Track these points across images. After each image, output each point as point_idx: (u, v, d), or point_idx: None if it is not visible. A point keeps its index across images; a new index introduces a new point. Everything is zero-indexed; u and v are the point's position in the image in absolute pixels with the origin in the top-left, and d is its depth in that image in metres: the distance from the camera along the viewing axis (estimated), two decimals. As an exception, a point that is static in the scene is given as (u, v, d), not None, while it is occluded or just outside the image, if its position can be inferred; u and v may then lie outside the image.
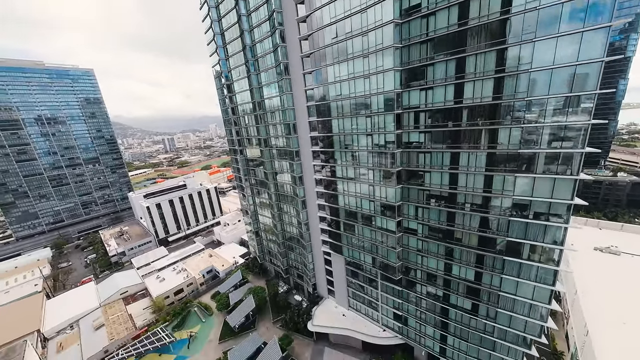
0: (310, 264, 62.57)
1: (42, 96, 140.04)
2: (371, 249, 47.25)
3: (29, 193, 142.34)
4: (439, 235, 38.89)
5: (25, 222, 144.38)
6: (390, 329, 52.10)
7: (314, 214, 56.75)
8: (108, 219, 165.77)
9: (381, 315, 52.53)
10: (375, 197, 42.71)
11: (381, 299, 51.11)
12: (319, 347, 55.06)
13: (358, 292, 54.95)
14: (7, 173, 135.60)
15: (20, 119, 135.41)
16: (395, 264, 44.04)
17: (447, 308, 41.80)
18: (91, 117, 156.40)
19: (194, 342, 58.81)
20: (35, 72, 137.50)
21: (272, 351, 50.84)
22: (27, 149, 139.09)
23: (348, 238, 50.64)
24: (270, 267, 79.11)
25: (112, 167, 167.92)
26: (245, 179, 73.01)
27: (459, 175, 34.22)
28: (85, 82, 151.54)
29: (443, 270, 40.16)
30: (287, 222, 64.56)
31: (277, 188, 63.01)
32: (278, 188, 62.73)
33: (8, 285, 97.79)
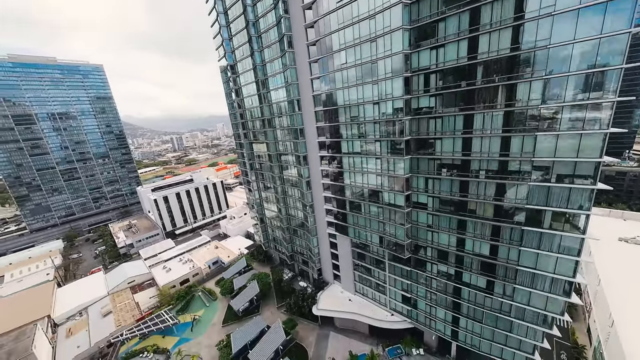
0: (315, 248, 60.78)
1: (54, 91, 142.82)
2: (378, 228, 45.11)
3: (42, 186, 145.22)
4: (451, 208, 36.53)
5: (39, 215, 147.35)
6: (398, 313, 49.80)
7: (319, 195, 54.96)
8: (117, 213, 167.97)
9: (389, 298, 50.28)
10: (383, 171, 40.61)
11: (389, 281, 48.88)
12: (324, 332, 53.18)
13: (365, 275, 52.84)
14: (21, 167, 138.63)
15: (33, 114, 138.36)
16: (403, 241, 41.80)
17: (459, 287, 39.33)
18: (101, 113, 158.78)
19: (198, 325, 57.86)
20: (48, 67, 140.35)
21: (276, 334, 49.23)
22: (40, 143, 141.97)
23: (354, 217, 48.62)
24: (275, 254, 77.68)
25: (121, 162, 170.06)
26: (250, 164, 71.85)
27: (473, 140, 31.86)
28: (95, 77, 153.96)
29: (455, 246, 37.74)
30: (291, 205, 62.97)
31: (281, 170, 61.50)
32: (282, 170, 61.20)
33: (22, 274, 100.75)
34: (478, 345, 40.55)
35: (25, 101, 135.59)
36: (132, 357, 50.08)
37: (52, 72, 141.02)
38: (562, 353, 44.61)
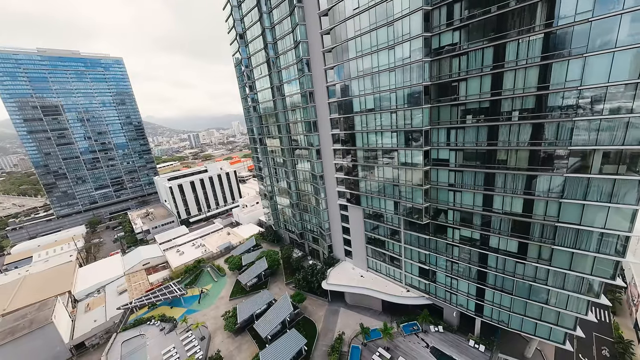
0: (326, 223, 57.79)
1: (78, 84, 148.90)
2: (393, 192, 41.43)
3: (67, 175, 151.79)
4: (477, 161, 32.35)
5: (64, 202, 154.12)
6: (415, 289, 45.82)
7: (329, 164, 51.95)
8: (136, 202, 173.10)
9: (405, 273, 46.40)
10: (399, 126, 36.95)
11: (404, 253, 45.01)
12: (334, 308, 50.11)
13: (378, 249, 49.20)
14: (49, 155, 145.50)
15: (59, 105, 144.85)
16: (421, 205, 37.93)
17: (485, 254, 34.97)
18: (121, 104, 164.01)
19: (205, 298, 56.78)
20: (72, 60, 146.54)
21: (283, 306, 46.75)
22: (66, 133, 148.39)
23: (367, 184, 45.19)
24: (285, 234, 75.48)
25: (139, 153, 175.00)
26: (259, 138, 70.05)
27: (505, 75, 27.64)
28: (115, 70, 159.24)
29: (481, 206, 33.47)
30: (301, 179, 60.34)
31: (290, 142, 59.04)
32: (291, 141, 58.70)
33: (48, 255, 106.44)
34: (507, 320, 35.97)
35: (52, 93, 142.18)
36: (140, 324, 49.61)
37: (76, 64, 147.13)
38: (604, 349, 39.09)
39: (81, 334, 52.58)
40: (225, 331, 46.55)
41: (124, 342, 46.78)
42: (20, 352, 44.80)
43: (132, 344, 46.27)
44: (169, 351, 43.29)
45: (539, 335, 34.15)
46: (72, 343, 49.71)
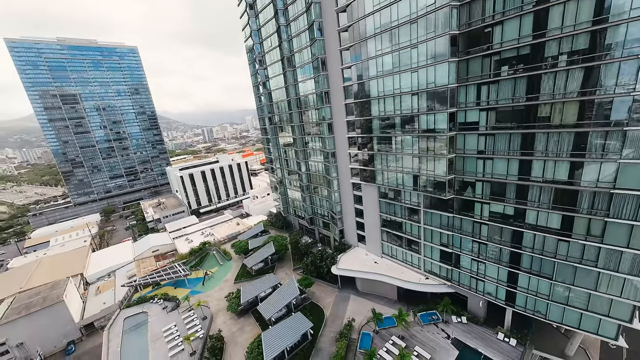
0: (337, 206, 55.48)
1: (95, 72, 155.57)
2: (412, 165, 38.44)
3: (84, 163, 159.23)
4: (512, 121, 28.84)
5: (81, 191, 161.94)
6: (435, 275, 42.58)
7: (342, 138, 49.62)
8: (149, 192, 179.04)
9: (424, 258, 43.23)
10: (420, 86, 33.95)
11: (424, 235, 41.84)
12: (344, 295, 47.82)
13: (395, 231, 46.29)
14: (67, 144, 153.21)
15: (77, 94, 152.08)
16: (445, 177, 34.75)
17: (520, 232, 31.33)
18: (135, 94, 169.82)
19: (209, 280, 56.54)
20: (90, 50, 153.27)
21: (289, 289, 45.10)
22: (83, 122, 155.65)
23: (382, 158, 42.44)
24: (295, 220, 73.97)
25: (152, 143, 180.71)
26: (269, 117, 68.85)
27: (551, 11, 24.05)
28: (130, 59, 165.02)
29: (516, 175, 29.90)
30: (312, 158, 58.36)
31: (301, 117, 57.22)
32: (302, 117, 56.85)
33: (64, 240, 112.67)
34: (544, 311, 32.13)
35: (70, 82, 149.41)
36: (143, 302, 49.99)
37: (93, 53, 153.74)
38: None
39: (91, 314, 54.65)
40: (228, 312, 45.68)
41: (127, 318, 47.25)
42: (34, 327, 47.03)
43: (134, 320, 46.68)
44: (169, 329, 43.01)
45: (585, 329, 30.12)
46: (82, 323, 51.78)
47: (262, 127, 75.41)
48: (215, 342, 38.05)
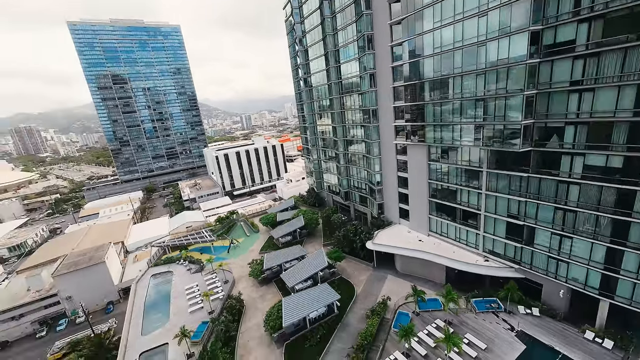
0: (377, 175, 51.84)
1: (142, 53, 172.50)
2: (475, 112, 33.24)
3: (130, 142, 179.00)
4: (630, 31, 22.31)
5: (127, 169, 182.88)
6: (498, 256, 36.81)
7: (386, 90, 45.78)
8: (186, 174, 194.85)
9: (483, 234, 37.65)
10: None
11: (487, 204, 36.22)
12: (380, 274, 44.52)
13: (447, 202, 41.27)
14: (116, 122, 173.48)
15: (126, 74, 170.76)
16: (520, 122, 29.09)
17: (631, 191, 24.57)
18: (177, 74, 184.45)
19: (235, 249, 58.17)
20: (138, 30, 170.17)
21: (317, 259, 43.50)
22: (130, 102, 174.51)
23: (436, 107, 37.75)
24: (329, 197, 72.12)
25: (192, 124, 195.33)
26: (305, 87, 67.78)
27: None
28: (173, 38, 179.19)
29: (632, 108, 23.28)
30: (350, 121, 55.51)
31: (339, 74, 54.63)
32: (341, 73, 54.22)
33: (111, 212, 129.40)
34: (663, 305, 24.99)
35: (120, 62, 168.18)
36: (170, 262, 53.54)
37: (140, 34, 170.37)
38: None
39: (128, 279, 60.81)
40: (250, 278, 46.06)
41: (154, 275, 50.98)
42: (81, 283, 54.58)
43: (160, 277, 50.18)
44: (191, 287, 45.04)
45: None
46: (120, 286, 58.30)
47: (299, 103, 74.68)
48: (234, 302, 38.40)
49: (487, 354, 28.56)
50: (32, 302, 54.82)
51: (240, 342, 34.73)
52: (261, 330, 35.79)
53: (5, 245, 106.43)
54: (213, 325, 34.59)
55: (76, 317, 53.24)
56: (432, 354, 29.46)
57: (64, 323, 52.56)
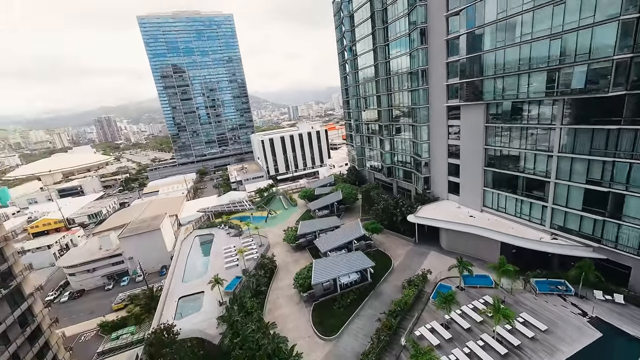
0: (424, 145, 48.18)
1: (197, 42, 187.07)
2: (549, 55, 28.32)
3: (187, 128, 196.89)
4: None
5: (183, 153, 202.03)
6: (570, 234, 31.33)
7: (438, 44, 41.93)
8: (235, 159, 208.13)
9: (552, 206, 32.33)
10: None
11: (559, 169, 30.90)
12: (421, 250, 41.56)
13: (507, 170, 36.45)
14: (175, 109, 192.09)
15: (184, 63, 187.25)
16: (611, 57, 23.79)
17: None
18: (228, 62, 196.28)
19: (272, 219, 60.07)
20: (195, 21, 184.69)
21: (352, 229, 42.37)
22: (187, 89, 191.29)
23: (497, 57, 33.27)
24: (370, 174, 69.85)
25: (241, 111, 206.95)
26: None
27: None
28: (226, 27, 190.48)
29: None
30: (397, 87, 52.48)
31: (386, 35, 51.78)
32: (388, 34, 51.34)
33: (168, 190, 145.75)
34: None
35: (179, 52, 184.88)
36: (212, 227, 57.92)
37: (197, 24, 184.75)
38: None
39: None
40: (285, 244, 47.16)
41: (197, 236, 55.72)
42: (140, 245, 62.82)
43: (203, 239, 54.78)
44: (229, 248, 47.88)
45: None
46: (173, 253, 64.45)
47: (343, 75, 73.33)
48: (267, 262, 39.55)
49: (546, 336, 24.53)
50: (102, 258, 65.03)
51: (269, 298, 35.68)
52: (292, 290, 36.28)
53: (86, 213, 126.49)
54: (246, 277, 36.09)
55: (136, 276, 61.22)
56: (477, 329, 26.36)
57: (126, 280, 61.49)
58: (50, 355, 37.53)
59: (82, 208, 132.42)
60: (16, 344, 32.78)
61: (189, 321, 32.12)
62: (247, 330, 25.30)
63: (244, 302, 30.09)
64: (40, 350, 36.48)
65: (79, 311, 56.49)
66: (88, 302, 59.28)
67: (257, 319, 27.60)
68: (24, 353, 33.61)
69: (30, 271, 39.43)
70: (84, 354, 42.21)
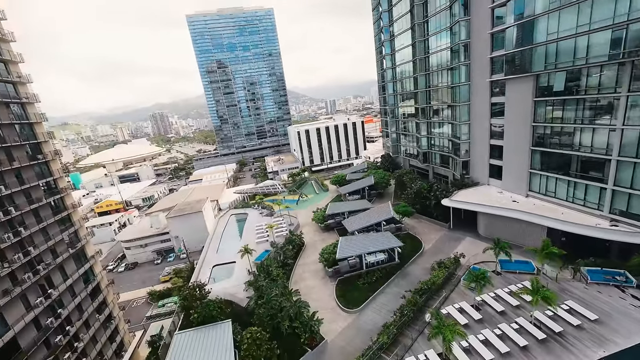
0: (464, 126, 45.23)
1: (239, 38, 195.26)
2: (614, 11, 24.76)
3: (228, 120, 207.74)
4: None
5: (225, 144, 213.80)
6: (633, 219, 27.34)
7: (481, 16, 38.94)
8: (272, 151, 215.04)
9: (612, 188, 28.43)
10: None
11: (623, 145, 27.03)
12: (455, 236, 39.42)
13: (559, 150, 32.84)
14: (218, 102, 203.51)
15: (227, 58, 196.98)
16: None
17: None
18: (268, 56, 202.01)
19: (303, 203, 61.39)
20: (238, 17, 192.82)
21: (382, 210, 41.61)
22: (229, 83, 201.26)
23: (550, 20, 29.90)
24: (405, 161, 67.57)
25: (279, 104, 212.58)
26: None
27: None
28: (266, 21, 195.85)
29: None
30: (435, 65, 49.92)
31: (425, 10, 49.34)
32: (428, 6, 48.85)
33: (211, 178, 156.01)
34: None
35: (223, 48, 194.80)
36: (247, 207, 61.23)
37: (239, 20, 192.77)
38: None
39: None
40: (314, 224, 48.01)
41: (232, 214, 59.31)
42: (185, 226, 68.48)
43: (237, 217, 58.45)
44: (260, 225, 50.24)
45: None
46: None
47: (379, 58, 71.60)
48: (295, 238, 40.70)
49: (596, 326, 21.85)
50: (153, 235, 72.86)
51: (295, 271, 36.78)
52: (317, 266, 36.92)
53: (141, 197, 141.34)
54: (274, 250, 37.59)
55: (180, 253, 67.05)
56: (512, 313, 24.40)
57: (172, 256, 68.04)
58: (107, 311, 42.80)
59: (138, 192, 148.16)
60: (80, 296, 37.87)
61: (220, 285, 34.61)
62: (271, 293, 26.45)
63: (270, 270, 31.42)
64: (99, 306, 41.78)
65: (133, 280, 64.37)
66: (140, 273, 67.72)
67: (282, 285, 28.64)
68: (86, 306, 38.73)
69: (92, 236, 45.48)
70: (135, 317, 47.86)
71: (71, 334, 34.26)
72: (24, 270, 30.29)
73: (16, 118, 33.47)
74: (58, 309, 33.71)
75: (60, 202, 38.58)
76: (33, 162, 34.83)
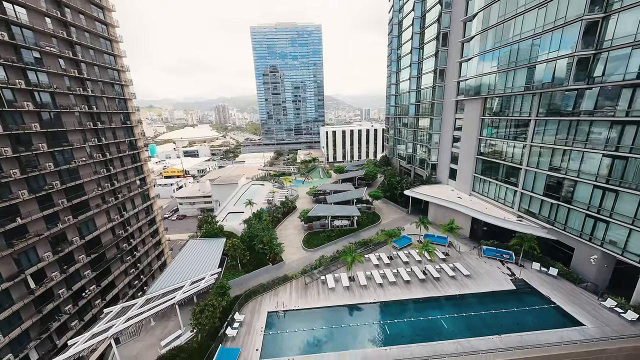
0: (436, 135, 49.72)
1: (290, 48, 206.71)
2: (531, 54, 28.78)
3: (273, 116, 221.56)
4: None
5: (267, 136, 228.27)
6: (532, 216, 31.26)
7: (454, 51, 43.25)
8: (305, 145, 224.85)
9: (521, 191, 32.38)
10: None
11: (529, 157, 31.02)
12: (411, 219, 44.47)
13: (492, 158, 36.92)
14: (266, 101, 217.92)
15: (277, 65, 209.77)
16: (572, 54, 24.00)
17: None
18: (312, 65, 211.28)
19: (308, 183, 69.36)
20: (291, 30, 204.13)
21: (357, 192, 48.13)
22: (278, 86, 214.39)
23: (495, 54, 34.06)
24: (397, 162, 72.28)
25: (316, 107, 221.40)
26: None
27: None
28: (315, 36, 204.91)
29: None
30: (423, 85, 54.46)
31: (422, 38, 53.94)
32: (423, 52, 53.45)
33: (252, 161, 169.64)
34: None
35: (276, 56, 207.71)
36: (264, 180, 70.90)
37: (292, 33, 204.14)
38: None
39: None
40: (308, 196, 55.98)
41: (253, 184, 69.13)
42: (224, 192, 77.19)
43: (256, 186, 67.89)
44: (270, 192, 59.17)
45: None
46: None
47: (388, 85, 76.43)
48: (289, 202, 49.01)
49: (465, 279, 27.05)
50: (199, 196, 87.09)
51: (282, 224, 45.03)
52: (300, 223, 44.58)
53: (197, 168, 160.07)
54: (270, 205, 46.20)
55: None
56: (412, 263, 30.27)
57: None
58: (158, 237, 54.89)
59: (195, 165, 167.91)
60: (141, 222, 49.74)
61: (229, 223, 43.83)
62: (256, 227, 35.00)
63: (261, 216, 39.99)
64: (153, 232, 53.82)
65: (181, 227, 78.06)
66: (187, 224, 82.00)
67: (266, 226, 36.97)
68: (145, 230, 50.59)
69: (154, 185, 57.81)
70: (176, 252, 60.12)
71: (132, 245, 46.00)
72: (109, 195, 42.05)
73: (117, 94, 45.78)
74: (127, 227, 45.44)
75: (137, 156, 50.68)
76: (124, 125, 47.02)
